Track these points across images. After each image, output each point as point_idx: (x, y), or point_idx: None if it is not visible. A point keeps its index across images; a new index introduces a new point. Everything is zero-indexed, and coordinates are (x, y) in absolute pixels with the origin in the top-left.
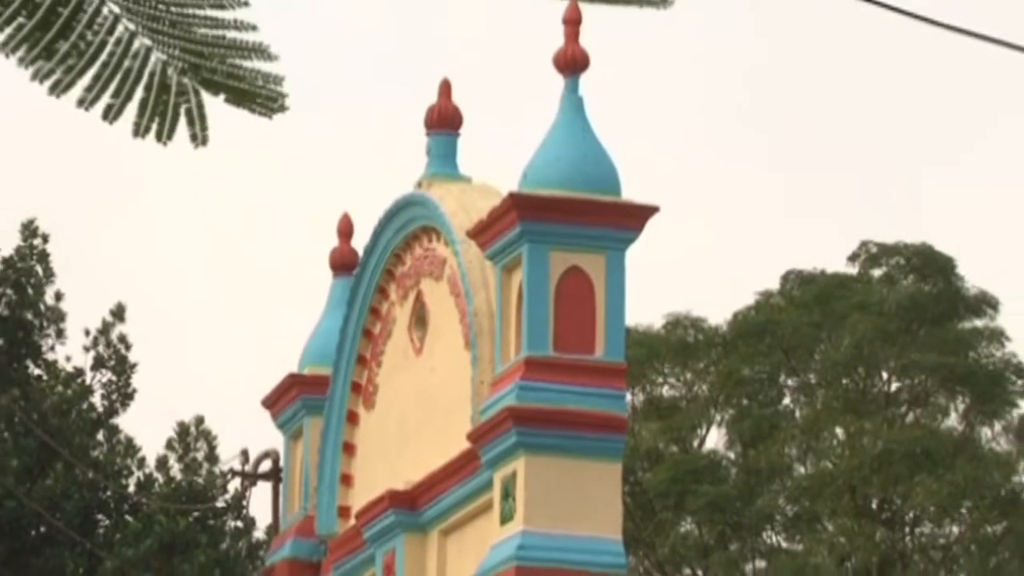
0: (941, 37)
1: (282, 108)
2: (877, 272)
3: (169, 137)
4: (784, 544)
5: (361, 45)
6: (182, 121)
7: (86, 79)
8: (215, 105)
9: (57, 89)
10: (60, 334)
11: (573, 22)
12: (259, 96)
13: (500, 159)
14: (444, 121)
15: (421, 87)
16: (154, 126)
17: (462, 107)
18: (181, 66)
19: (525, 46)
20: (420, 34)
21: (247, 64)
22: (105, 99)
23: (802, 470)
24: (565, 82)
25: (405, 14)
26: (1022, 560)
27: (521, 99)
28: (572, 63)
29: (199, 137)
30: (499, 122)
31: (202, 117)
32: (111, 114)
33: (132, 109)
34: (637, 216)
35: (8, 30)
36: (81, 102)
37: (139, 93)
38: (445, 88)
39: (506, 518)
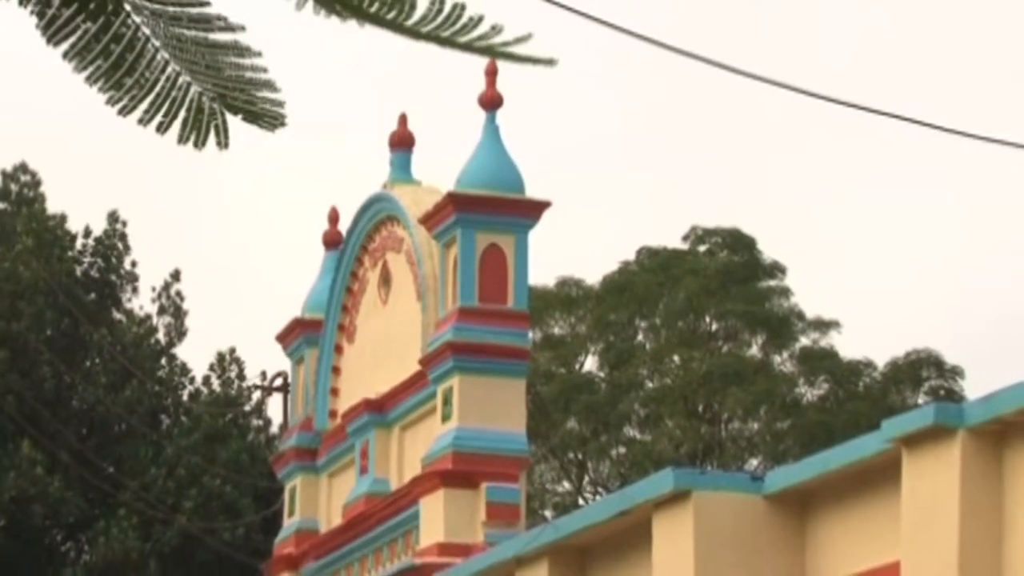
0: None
1: (282, 125)
2: (702, 247)
3: (203, 144)
4: (638, 436)
5: (343, 85)
6: (212, 134)
7: (144, 104)
8: (235, 123)
9: (124, 111)
10: (134, 290)
11: (491, 73)
12: (267, 116)
13: (441, 169)
14: (402, 142)
15: (386, 118)
16: (192, 136)
17: (415, 132)
18: (212, 95)
19: (459, 89)
20: (385, 80)
21: (259, 94)
22: (158, 118)
23: (650, 385)
24: (486, 115)
25: (376, 67)
26: (802, 447)
27: (456, 126)
28: (491, 102)
29: (223, 144)
30: (440, 142)
31: (226, 131)
32: (162, 129)
33: (177, 125)
34: (536, 208)
35: (90, 69)
36: (140, 120)
37: (182, 114)
38: (402, 119)
39: (446, 418)
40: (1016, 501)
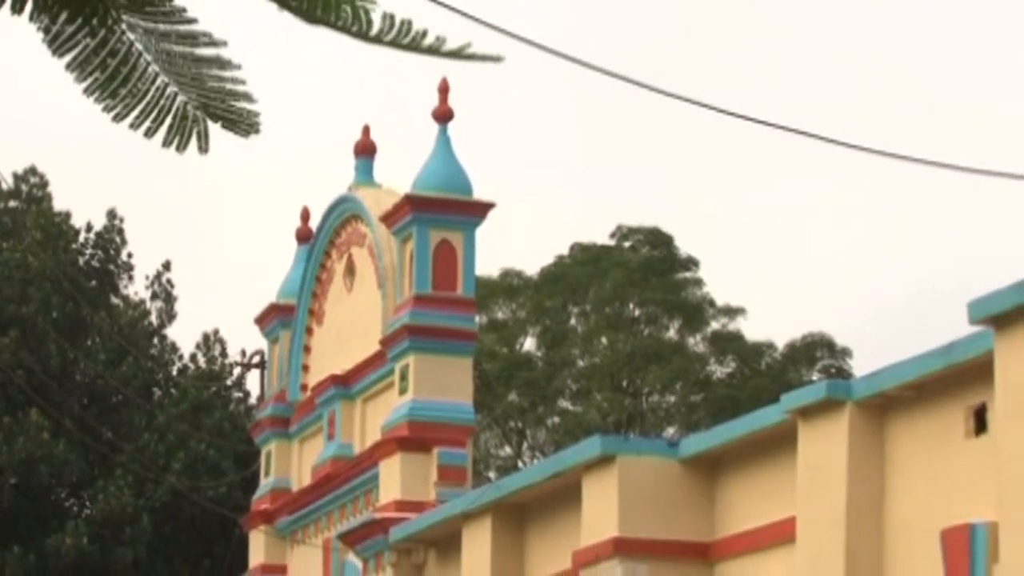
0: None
1: (256, 132)
2: (627, 243)
3: (185, 148)
4: (570, 407)
5: (316, 102)
6: (194, 139)
7: (136, 112)
8: (218, 131)
9: (117, 118)
10: (130, 278)
11: (444, 91)
12: (243, 124)
13: (399, 174)
14: (365, 150)
15: (352, 130)
16: (176, 140)
17: (376, 142)
18: (196, 104)
19: (415, 105)
20: (351, 98)
21: (237, 104)
22: (147, 123)
23: (581, 363)
24: (439, 127)
25: (344, 86)
26: (712, 417)
27: (412, 137)
28: (443, 116)
29: (203, 148)
30: (399, 151)
31: (207, 137)
32: (150, 133)
33: (163, 130)
34: (482, 209)
35: (89, 80)
36: (131, 125)
37: (168, 120)
38: (366, 130)
39: (402, 391)
40: (896, 465)
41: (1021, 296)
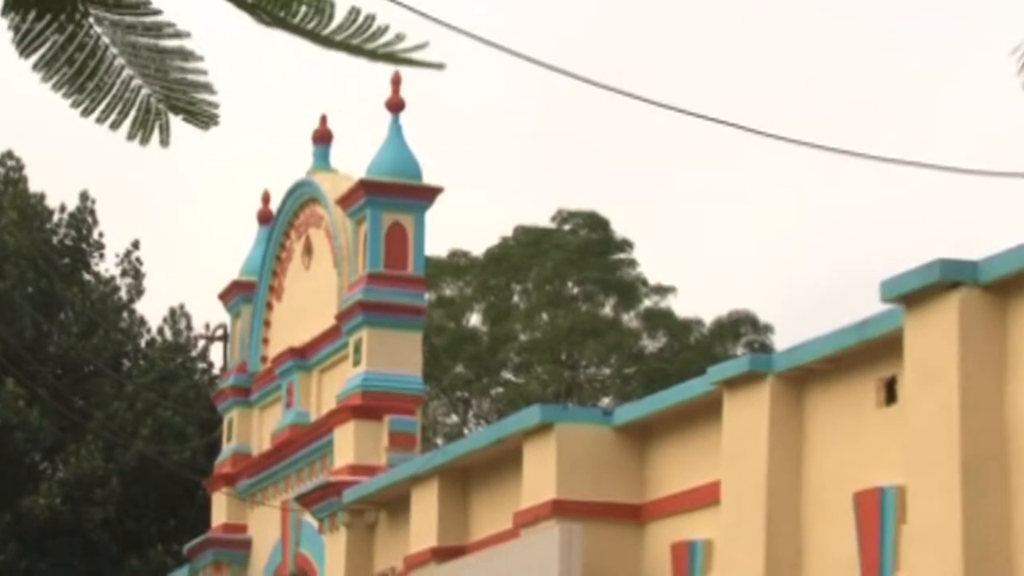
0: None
1: (215, 124)
2: (566, 226)
3: (147, 141)
4: (513, 379)
5: (277, 92)
6: (156, 132)
7: (102, 105)
8: (177, 122)
9: (85, 113)
10: (101, 256)
11: (396, 83)
12: (202, 116)
13: (354, 160)
14: (322, 138)
15: (310, 119)
16: (139, 133)
17: (333, 130)
18: (159, 97)
19: (369, 96)
20: (310, 89)
21: (198, 96)
22: (112, 117)
23: (523, 337)
24: (391, 116)
25: (303, 78)
26: (644, 388)
27: (367, 125)
28: (396, 106)
29: (164, 142)
30: (354, 138)
31: (167, 130)
32: (115, 126)
33: (127, 124)
34: (431, 193)
35: (56, 76)
36: (97, 120)
37: (132, 113)
38: (323, 120)
39: (356, 363)
40: (813, 433)
41: (928, 277)
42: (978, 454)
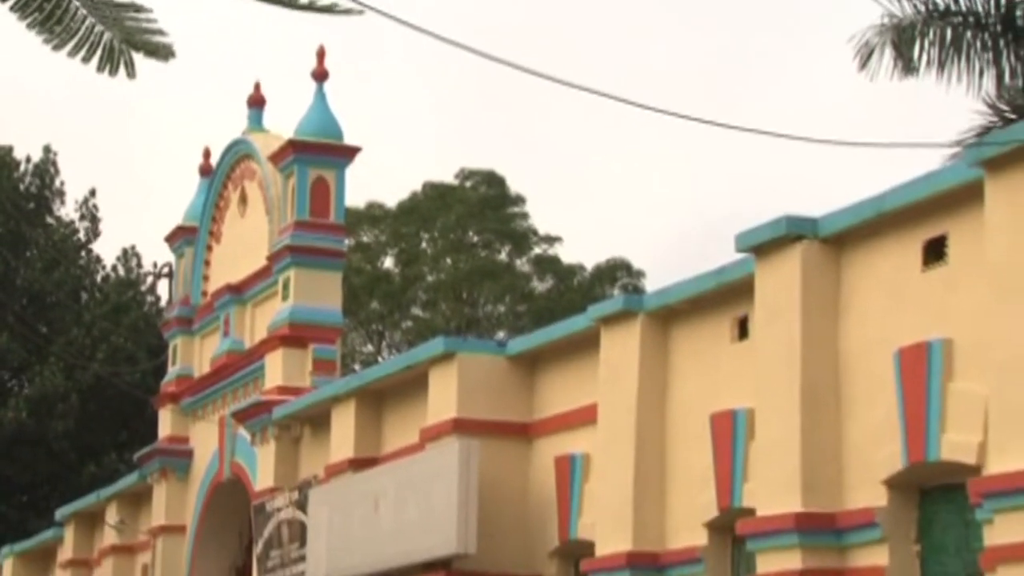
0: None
1: (173, 56)
2: (468, 183)
3: (115, 73)
4: (421, 314)
5: (217, 62)
6: (121, 66)
7: (70, 45)
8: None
9: (56, 48)
10: (62, 202)
11: (321, 55)
12: (160, 51)
13: (284, 122)
14: (257, 102)
15: (245, 84)
16: (107, 67)
17: (266, 96)
18: (121, 39)
19: (297, 66)
20: (246, 60)
21: (153, 39)
22: (81, 54)
23: (430, 279)
24: (316, 85)
25: (240, 50)
26: (534, 324)
27: (295, 92)
28: (320, 75)
29: (130, 74)
30: (284, 103)
31: (132, 64)
32: (85, 61)
33: (95, 60)
34: (351, 152)
35: (28, 19)
36: (68, 54)
37: (99, 52)
38: (257, 86)
39: (284, 298)
40: (676, 363)
41: (776, 231)
42: (815, 382)
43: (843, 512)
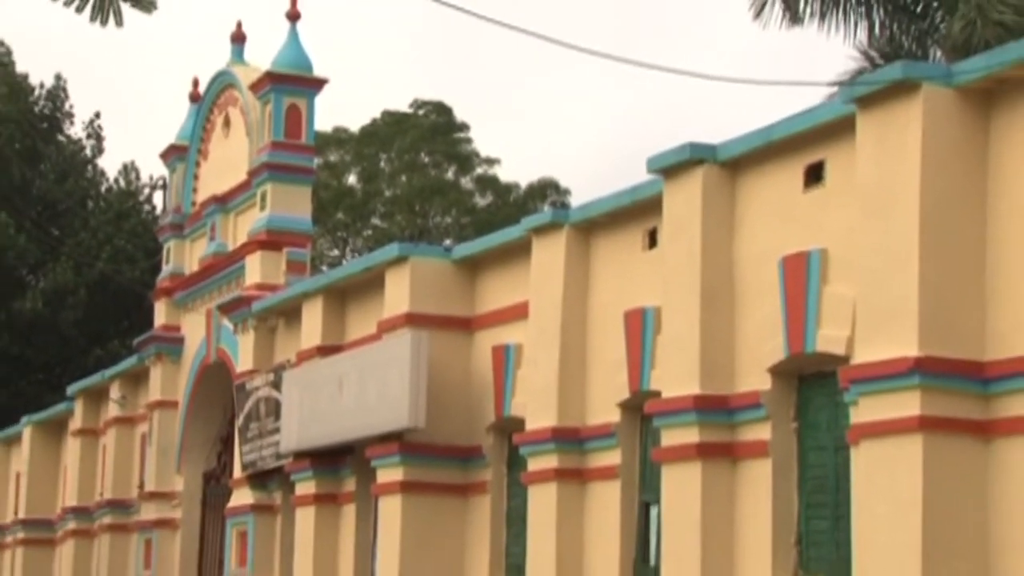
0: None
1: (155, 8)
2: (420, 112)
3: (105, 23)
4: (380, 224)
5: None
6: (111, 16)
7: None
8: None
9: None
10: (71, 123)
11: None
12: (143, 3)
13: (263, 56)
14: (239, 39)
15: (227, 23)
16: (98, 16)
17: (247, 32)
18: None
19: (273, 8)
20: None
21: None
22: (75, 3)
23: (388, 194)
24: (290, 24)
25: None
26: (476, 233)
27: (272, 31)
28: (294, 16)
29: (119, 23)
30: (263, 40)
31: (120, 14)
32: (79, 10)
33: (87, 10)
34: (320, 83)
35: None
36: (64, 4)
37: (90, 3)
38: (239, 25)
39: (262, 208)
40: (596, 268)
41: (681, 155)
42: (713, 284)
43: (734, 395)
